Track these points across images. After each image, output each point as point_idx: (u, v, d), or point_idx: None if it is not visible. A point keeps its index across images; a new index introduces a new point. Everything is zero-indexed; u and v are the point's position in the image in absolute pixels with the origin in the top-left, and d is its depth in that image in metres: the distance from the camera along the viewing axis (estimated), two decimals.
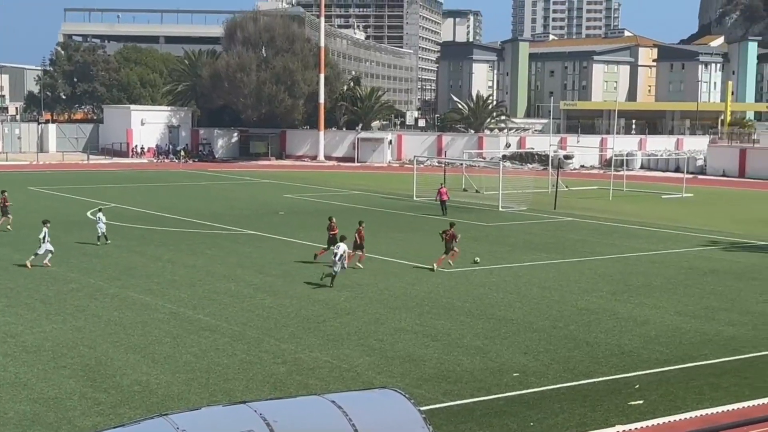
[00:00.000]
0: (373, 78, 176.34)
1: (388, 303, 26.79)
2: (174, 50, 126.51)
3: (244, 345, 21.82)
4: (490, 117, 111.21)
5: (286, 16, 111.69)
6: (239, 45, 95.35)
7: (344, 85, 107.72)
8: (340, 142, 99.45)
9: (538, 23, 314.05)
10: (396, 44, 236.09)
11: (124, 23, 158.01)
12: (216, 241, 38.58)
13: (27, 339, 22.03)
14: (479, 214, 50.36)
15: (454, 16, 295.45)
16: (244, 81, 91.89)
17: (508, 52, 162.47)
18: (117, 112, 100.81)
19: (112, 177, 72.71)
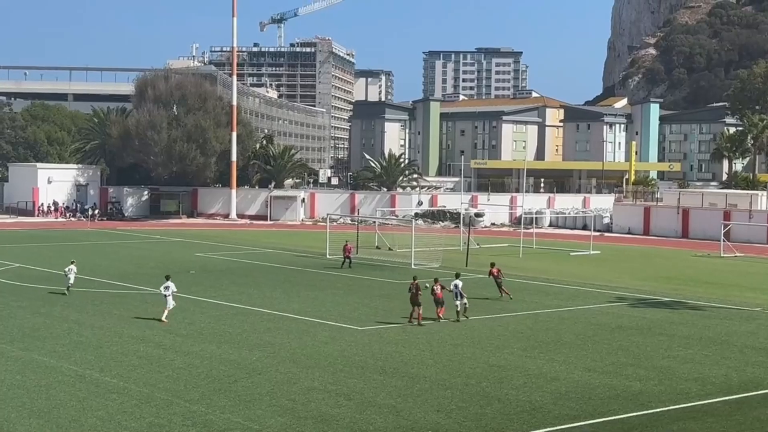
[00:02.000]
0: (286, 136, 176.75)
1: (301, 362, 26.58)
2: (83, 108, 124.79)
3: (152, 408, 21.33)
4: (403, 175, 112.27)
5: (198, 74, 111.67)
6: (150, 103, 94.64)
7: (257, 143, 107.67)
8: (252, 200, 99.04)
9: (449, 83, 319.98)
10: (309, 103, 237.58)
11: (32, 80, 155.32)
12: (124, 300, 37.83)
13: None
14: (392, 271, 50.52)
15: (366, 76, 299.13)
16: (155, 139, 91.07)
17: (420, 111, 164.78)
18: (23, 170, 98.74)
19: (17, 236, 70.87)
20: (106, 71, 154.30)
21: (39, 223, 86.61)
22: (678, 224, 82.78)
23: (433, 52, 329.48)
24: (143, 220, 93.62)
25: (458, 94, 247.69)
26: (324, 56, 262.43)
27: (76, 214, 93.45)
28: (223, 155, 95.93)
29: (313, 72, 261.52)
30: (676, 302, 40.83)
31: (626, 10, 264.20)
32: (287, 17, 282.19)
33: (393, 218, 77.34)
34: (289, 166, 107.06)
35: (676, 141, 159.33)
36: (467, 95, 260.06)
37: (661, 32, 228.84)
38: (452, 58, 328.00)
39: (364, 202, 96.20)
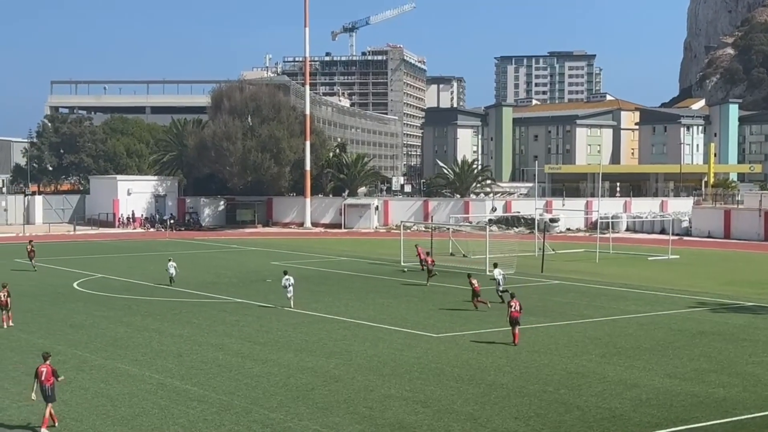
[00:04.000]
0: (359, 144, 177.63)
1: (377, 369, 26.64)
2: (160, 120, 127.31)
3: (232, 415, 21.61)
4: (476, 181, 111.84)
5: (272, 84, 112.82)
6: (225, 114, 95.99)
7: (330, 152, 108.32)
8: (326, 209, 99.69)
9: (521, 88, 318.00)
10: (381, 111, 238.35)
11: (111, 95, 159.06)
12: (203, 309, 38.39)
13: (13, 414, 21.78)
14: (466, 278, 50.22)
15: (438, 83, 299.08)
16: (230, 149, 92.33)
17: (492, 116, 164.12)
18: (103, 182, 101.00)
19: (99, 247, 72.49)
20: (183, 84, 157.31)
21: (119, 234, 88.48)
22: (760, 227, 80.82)
23: (505, 57, 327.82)
24: (220, 229, 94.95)
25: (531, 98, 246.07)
26: (395, 64, 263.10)
27: (154, 225, 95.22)
28: (297, 164, 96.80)
29: (385, 80, 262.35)
30: (759, 307, 39.87)
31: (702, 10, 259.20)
32: (359, 26, 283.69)
33: (467, 225, 77.08)
34: (362, 174, 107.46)
35: (756, 142, 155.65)
36: (540, 100, 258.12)
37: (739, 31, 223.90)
38: (524, 63, 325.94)
39: (438, 209, 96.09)
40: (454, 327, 33.74)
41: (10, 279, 47.14)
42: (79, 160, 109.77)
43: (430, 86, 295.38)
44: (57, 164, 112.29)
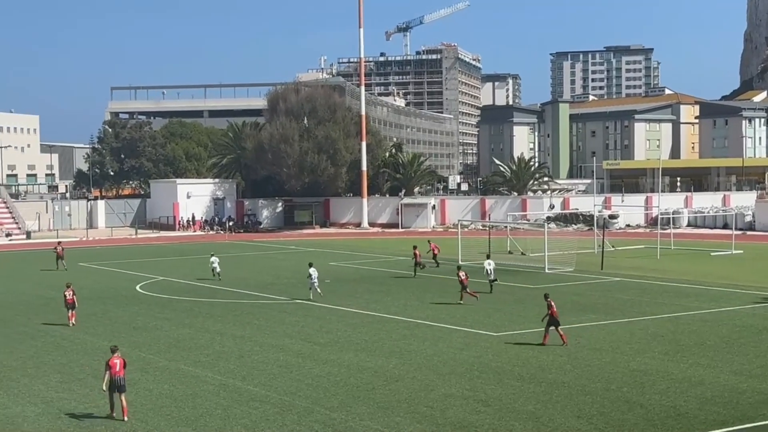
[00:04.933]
0: (415, 144, 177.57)
1: (437, 369, 26.61)
2: (218, 123, 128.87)
3: (294, 415, 21.76)
4: (533, 179, 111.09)
5: (327, 86, 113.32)
6: (282, 116, 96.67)
7: (386, 151, 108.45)
8: (383, 209, 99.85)
9: (577, 84, 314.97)
10: (436, 110, 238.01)
11: (169, 99, 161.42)
12: (263, 311, 38.72)
13: (80, 414, 22.16)
14: (525, 276, 50.08)
15: (493, 80, 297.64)
16: (287, 151, 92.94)
17: (549, 113, 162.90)
18: (163, 186, 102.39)
19: (160, 250, 73.49)
20: (239, 87, 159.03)
21: (179, 237, 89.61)
22: None
23: (561, 52, 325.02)
24: (278, 231, 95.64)
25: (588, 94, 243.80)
26: (450, 62, 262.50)
27: (214, 227, 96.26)
28: (354, 165, 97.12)
29: (440, 79, 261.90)
30: None
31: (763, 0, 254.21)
32: (413, 25, 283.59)
33: (525, 222, 76.64)
34: (419, 174, 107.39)
35: None
36: (597, 95, 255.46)
37: None
38: (580, 58, 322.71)
39: (495, 207, 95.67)
40: (513, 325, 33.56)
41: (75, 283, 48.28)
42: (139, 165, 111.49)
43: (485, 84, 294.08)
44: (118, 169, 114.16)
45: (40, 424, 21.41)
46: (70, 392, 24.43)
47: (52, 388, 24.93)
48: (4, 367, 27.83)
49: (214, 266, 50.46)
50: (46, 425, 21.36)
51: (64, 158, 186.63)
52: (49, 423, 21.52)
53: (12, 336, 33.28)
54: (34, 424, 21.44)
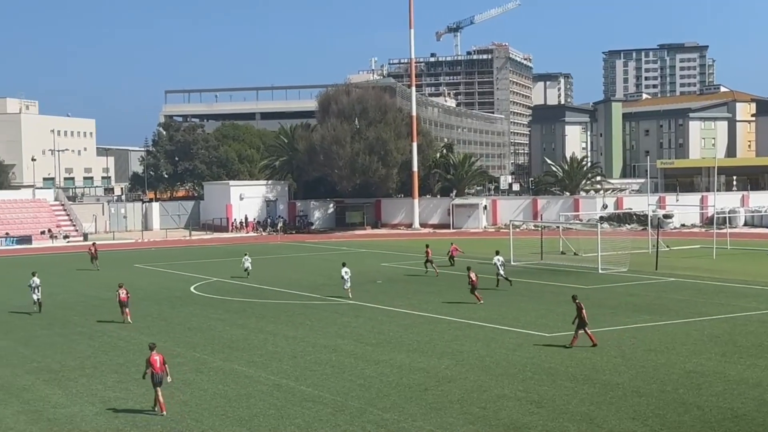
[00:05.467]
0: (466, 144, 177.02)
1: (490, 369, 26.53)
2: (270, 125, 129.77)
3: (346, 416, 21.85)
4: (585, 178, 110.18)
5: (378, 87, 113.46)
6: (333, 117, 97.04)
7: (437, 152, 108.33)
8: (434, 210, 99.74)
9: (630, 83, 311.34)
10: (487, 110, 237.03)
11: (222, 102, 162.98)
12: (315, 311, 38.92)
13: (137, 414, 22.51)
14: (578, 276, 49.70)
15: (544, 80, 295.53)
16: (339, 153, 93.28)
17: (601, 112, 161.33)
18: (217, 188, 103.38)
19: (214, 252, 74.20)
20: (291, 89, 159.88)
21: (232, 238, 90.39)
22: None
23: (613, 51, 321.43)
24: (329, 232, 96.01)
25: (641, 93, 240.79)
26: (501, 62, 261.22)
27: (266, 229, 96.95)
28: (405, 166, 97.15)
29: (491, 79, 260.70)
30: None
31: None
32: (463, 25, 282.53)
33: (577, 222, 76.03)
34: (470, 174, 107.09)
35: None
36: (650, 94, 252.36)
37: None
38: (633, 57, 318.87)
39: (547, 207, 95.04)
40: (566, 326, 33.27)
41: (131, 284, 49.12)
42: (193, 167, 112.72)
43: (537, 84, 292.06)
44: (172, 171, 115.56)
45: (98, 423, 21.77)
46: (126, 392, 24.79)
47: (110, 387, 25.33)
48: (63, 366, 28.35)
49: (246, 265, 52.55)
50: (103, 424, 21.72)
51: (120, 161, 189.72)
52: (106, 422, 21.87)
53: (70, 336, 33.87)
54: (92, 423, 21.81)
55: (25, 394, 24.77)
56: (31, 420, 22.21)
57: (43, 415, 22.65)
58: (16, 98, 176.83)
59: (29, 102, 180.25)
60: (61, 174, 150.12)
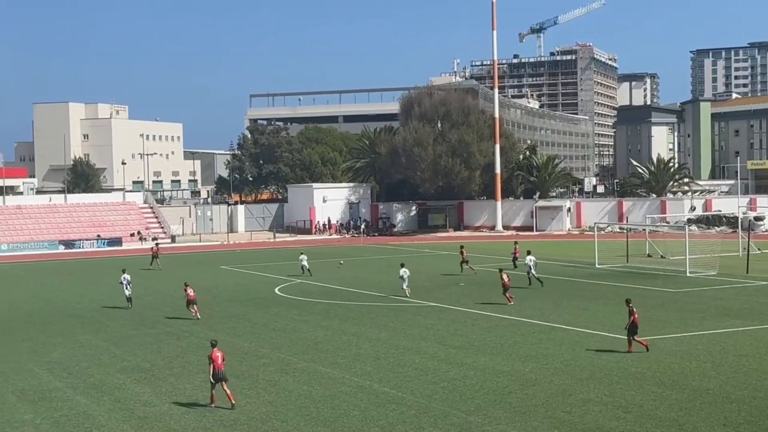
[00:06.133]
0: (549, 146, 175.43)
1: (575, 373, 26.22)
2: (352, 128, 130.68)
3: (430, 418, 21.84)
4: (673, 180, 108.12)
5: (461, 89, 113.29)
6: (415, 120, 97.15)
7: (520, 154, 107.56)
8: (518, 212, 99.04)
9: (719, 82, 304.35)
10: (571, 111, 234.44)
11: (305, 105, 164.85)
12: (398, 313, 39.00)
13: (223, 413, 22.86)
14: (665, 280, 48.78)
15: (630, 80, 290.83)
16: (421, 155, 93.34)
17: (689, 113, 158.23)
18: (300, 190, 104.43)
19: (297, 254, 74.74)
20: (373, 92, 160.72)
21: (316, 240, 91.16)
22: None
23: (702, 50, 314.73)
24: (412, 234, 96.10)
25: (730, 92, 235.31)
26: (585, 63, 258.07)
27: (349, 231, 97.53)
28: (487, 168, 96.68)
29: (575, 79, 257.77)
30: None
31: None
32: (546, 26, 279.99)
33: (664, 225, 74.62)
34: (553, 176, 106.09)
35: None
36: (740, 93, 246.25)
37: None
38: (722, 55, 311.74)
39: (633, 210, 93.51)
40: (653, 330, 32.71)
41: (216, 285, 50.19)
42: (277, 170, 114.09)
43: (622, 84, 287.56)
44: (257, 174, 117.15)
45: (186, 422, 22.20)
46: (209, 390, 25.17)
47: (197, 387, 25.78)
48: (152, 366, 28.98)
49: (303, 264, 54.82)
50: (192, 423, 22.13)
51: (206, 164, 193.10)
52: (195, 421, 22.28)
53: (159, 336, 34.61)
54: (180, 422, 22.25)
55: (116, 393, 25.39)
56: (122, 417, 22.77)
57: (134, 413, 23.19)
58: (107, 103, 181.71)
59: (119, 107, 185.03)
60: (149, 177, 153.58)
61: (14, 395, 25.41)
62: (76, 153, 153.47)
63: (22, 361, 30.25)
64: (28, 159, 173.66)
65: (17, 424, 22.43)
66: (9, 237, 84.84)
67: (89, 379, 27.28)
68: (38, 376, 27.96)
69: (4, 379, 27.51)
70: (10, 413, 23.47)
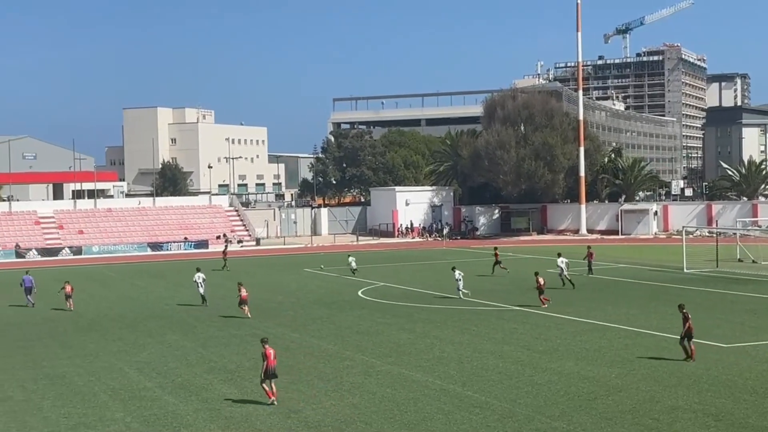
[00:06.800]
0: (635, 148, 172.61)
1: (662, 380, 25.74)
2: (435, 131, 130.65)
3: (514, 423, 21.69)
4: (765, 183, 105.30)
5: (544, 91, 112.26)
6: (498, 123, 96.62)
7: (605, 157, 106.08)
8: (602, 215, 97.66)
9: None
10: (658, 113, 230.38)
11: (388, 109, 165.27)
12: (481, 317, 38.83)
13: (308, 415, 23.08)
14: (757, 285, 47.56)
15: (719, 81, 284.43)
16: (504, 158, 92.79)
17: None
18: (383, 194, 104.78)
19: (380, 257, 75.19)
20: (456, 95, 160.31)
21: (398, 243, 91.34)
22: None
23: None
24: (494, 237, 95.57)
25: None
26: (673, 63, 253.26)
27: (431, 234, 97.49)
28: (571, 171, 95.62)
29: (662, 80, 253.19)
30: None
31: None
32: (633, 27, 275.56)
33: (756, 229, 72.74)
34: (639, 179, 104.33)
35: None
36: None
37: None
38: None
39: (723, 213, 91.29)
40: (744, 337, 31.94)
41: (301, 288, 50.72)
42: (360, 173, 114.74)
43: (711, 85, 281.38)
44: (340, 177, 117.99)
45: (272, 423, 22.46)
46: (298, 393, 25.45)
47: (282, 388, 26.02)
48: (238, 366, 29.41)
49: (353, 265, 57.77)
50: (277, 423, 22.39)
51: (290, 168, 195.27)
52: (279, 421, 22.53)
53: (244, 337, 35.10)
54: (266, 422, 22.52)
55: (203, 393, 25.84)
56: (209, 417, 23.16)
57: (221, 413, 23.57)
58: (194, 108, 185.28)
59: (206, 111, 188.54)
60: (234, 181, 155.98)
61: (106, 394, 26.08)
62: (164, 157, 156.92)
63: (113, 361, 31.03)
64: (118, 163, 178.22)
65: (108, 422, 23.01)
66: (100, 239, 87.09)
67: (177, 379, 27.83)
68: (128, 375, 28.64)
69: (96, 378, 28.25)
70: (101, 411, 24.09)
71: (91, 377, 28.36)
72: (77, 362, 30.93)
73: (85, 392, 26.34)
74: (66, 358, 31.68)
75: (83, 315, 42.93)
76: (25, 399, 25.73)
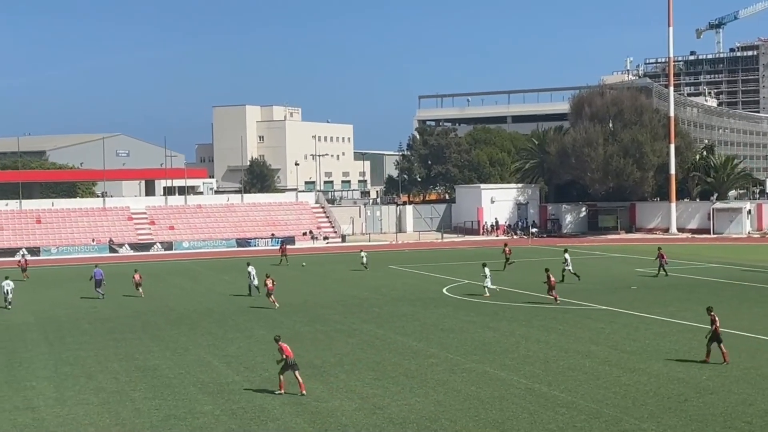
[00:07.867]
0: (728, 145, 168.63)
1: (756, 383, 25.11)
2: (521, 129, 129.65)
3: (601, 423, 21.42)
4: None
5: (634, 88, 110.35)
6: (586, 120, 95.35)
7: (696, 154, 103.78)
8: (693, 214, 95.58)
9: None
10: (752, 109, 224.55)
11: (474, 106, 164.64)
12: (567, 316, 38.41)
13: (393, 411, 23.17)
14: None
15: None
16: (591, 155, 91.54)
17: None
18: (468, 191, 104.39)
19: (465, 254, 74.97)
20: (542, 92, 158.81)
21: (483, 241, 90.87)
22: None
23: None
24: (581, 236, 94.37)
25: None
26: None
27: (517, 232, 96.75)
28: (661, 168, 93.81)
29: (756, 76, 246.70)
30: None
31: None
32: (726, 21, 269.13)
33: None
34: (732, 177, 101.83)
35: None
36: None
37: None
38: None
39: None
40: None
41: (386, 284, 50.94)
42: (445, 171, 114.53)
43: None
44: (425, 175, 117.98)
45: (357, 419, 22.61)
46: (383, 389, 25.57)
47: (367, 384, 26.22)
48: (323, 362, 29.68)
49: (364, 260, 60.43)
50: (362, 419, 22.52)
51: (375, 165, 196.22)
52: (365, 418, 22.67)
53: (330, 333, 35.41)
54: (351, 418, 22.68)
55: (289, 388, 26.14)
56: (295, 412, 23.44)
57: (307, 407, 23.82)
58: (281, 105, 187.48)
59: (293, 109, 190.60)
60: (321, 178, 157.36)
61: (195, 387, 26.60)
62: (252, 154, 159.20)
63: (202, 354, 31.64)
64: (207, 160, 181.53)
65: (198, 415, 23.47)
66: (190, 235, 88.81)
67: (264, 373, 28.21)
68: (217, 369, 29.16)
69: (186, 371, 28.84)
70: (191, 404, 24.59)
71: (181, 370, 28.97)
72: (168, 355, 31.64)
73: (175, 385, 26.92)
74: (157, 351, 32.44)
75: (174, 309, 43.90)
76: (117, 390, 26.42)
